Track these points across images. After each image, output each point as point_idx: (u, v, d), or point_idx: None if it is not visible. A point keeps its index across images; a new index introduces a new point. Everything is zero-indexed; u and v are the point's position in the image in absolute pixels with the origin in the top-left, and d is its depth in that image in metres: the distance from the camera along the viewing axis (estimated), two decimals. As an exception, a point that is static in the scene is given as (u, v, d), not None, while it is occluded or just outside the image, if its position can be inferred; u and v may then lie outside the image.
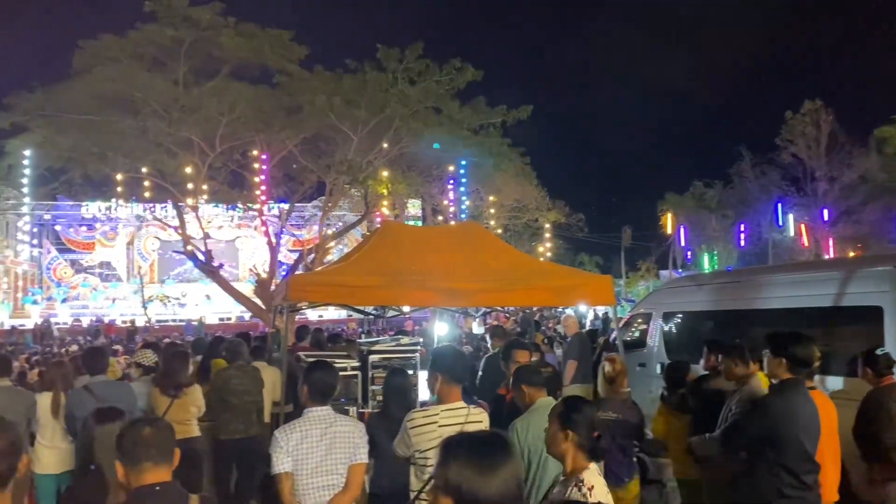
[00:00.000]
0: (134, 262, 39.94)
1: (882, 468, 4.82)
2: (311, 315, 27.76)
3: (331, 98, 16.42)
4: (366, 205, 19.56)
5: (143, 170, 18.08)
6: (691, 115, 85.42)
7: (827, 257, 29.33)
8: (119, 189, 19.48)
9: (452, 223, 22.58)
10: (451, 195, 25.49)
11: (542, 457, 3.82)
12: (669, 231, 37.61)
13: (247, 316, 27.61)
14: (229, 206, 24.14)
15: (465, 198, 26.05)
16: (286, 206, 21.14)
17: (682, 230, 37.41)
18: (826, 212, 31.82)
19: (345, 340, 10.21)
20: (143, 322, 30.64)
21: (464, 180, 25.35)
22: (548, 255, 28.47)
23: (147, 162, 17.55)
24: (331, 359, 5.50)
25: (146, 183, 19.10)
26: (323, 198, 20.66)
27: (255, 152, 18.99)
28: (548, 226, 27.65)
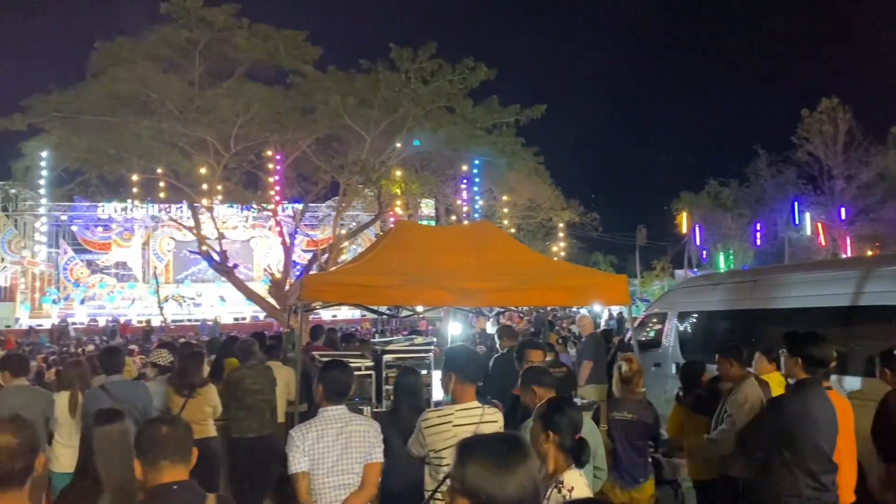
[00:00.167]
0: (149, 262, 40.20)
1: (900, 469, 4.78)
2: (325, 315, 27.82)
3: (344, 98, 16.47)
4: (379, 205, 19.60)
5: (159, 170, 18.20)
6: (707, 112, 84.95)
7: (844, 256, 29.05)
8: (135, 190, 19.62)
9: (466, 223, 22.58)
10: (465, 195, 25.50)
11: None
12: (685, 230, 37.35)
13: (261, 316, 27.74)
14: (244, 206, 24.25)
15: (478, 197, 26.05)
16: (300, 206, 21.22)
17: (697, 229, 37.15)
18: (843, 210, 31.53)
19: (358, 340, 10.22)
20: (159, 322, 30.82)
21: (477, 180, 25.34)
22: (562, 255, 28.41)
23: (162, 163, 17.66)
24: (345, 358, 5.51)
25: (161, 184, 19.24)
26: (336, 198, 20.74)
27: (269, 153, 19.08)
28: (561, 225, 27.58)
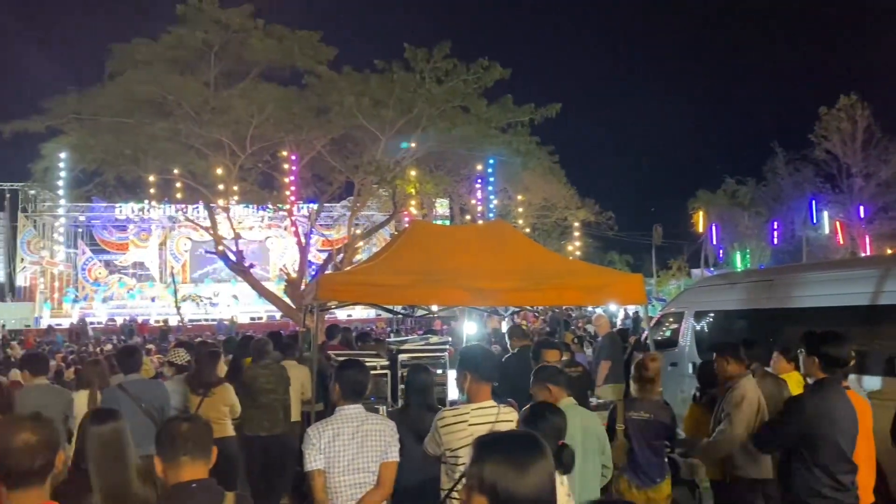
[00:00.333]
0: (167, 262, 40.55)
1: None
2: (340, 314, 27.92)
3: (359, 98, 16.49)
4: (394, 204, 19.62)
5: (175, 171, 18.30)
6: (723, 111, 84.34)
7: (863, 255, 28.76)
8: (152, 190, 19.73)
9: (480, 222, 22.54)
10: (479, 194, 25.46)
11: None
12: (701, 229, 37.14)
13: (277, 315, 27.86)
14: (259, 206, 24.35)
15: (492, 197, 25.99)
16: (315, 206, 21.28)
17: (713, 228, 36.93)
18: (862, 209, 31.19)
19: (374, 340, 10.25)
20: (176, 321, 31.05)
21: (492, 179, 25.29)
22: (577, 254, 28.28)
23: (179, 163, 17.77)
24: (361, 358, 5.53)
25: (178, 184, 19.34)
26: (351, 198, 20.77)
27: (284, 153, 19.13)
28: (577, 224, 27.47)
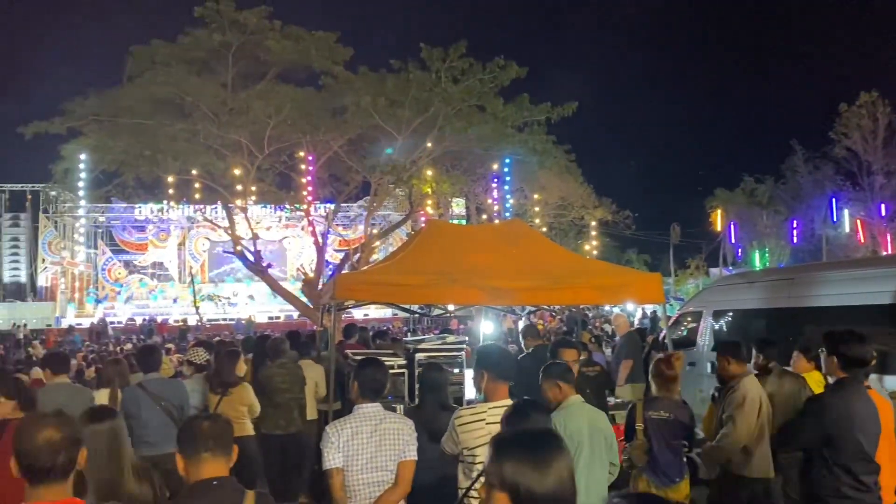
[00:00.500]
0: (185, 262, 40.86)
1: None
2: (357, 314, 27.98)
3: (375, 99, 16.54)
4: (410, 204, 19.66)
5: (194, 172, 18.44)
6: (741, 108, 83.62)
7: (884, 253, 28.43)
8: (170, 191, 19.88)
9: (497, 221, 22.52)
10: (496, 193, 25.44)
11: (580, 452, 3.96)
12: (719, 228, 36.89)
13: (295, 315, 28.00)
14: (277, 206, 24.49)
15: (509, 196, 25.97)
16: (332, 206, 21.38)
17: (732, 227, 36.66)
18: (883, 207, 30.84)
19: (391, 339, 10.27)
20: (195, 321, 31.28)
21: (508, 178, 25.27)
22: (594, 254, 28.19)
23: (197, 164, 17.91)
24: (378, 357, 5.54)
25: (196, 185, 19.49)
26: (368, 198, 20.83)
27: (301, 153, 19.24)
28: (594, 223, 27.38)
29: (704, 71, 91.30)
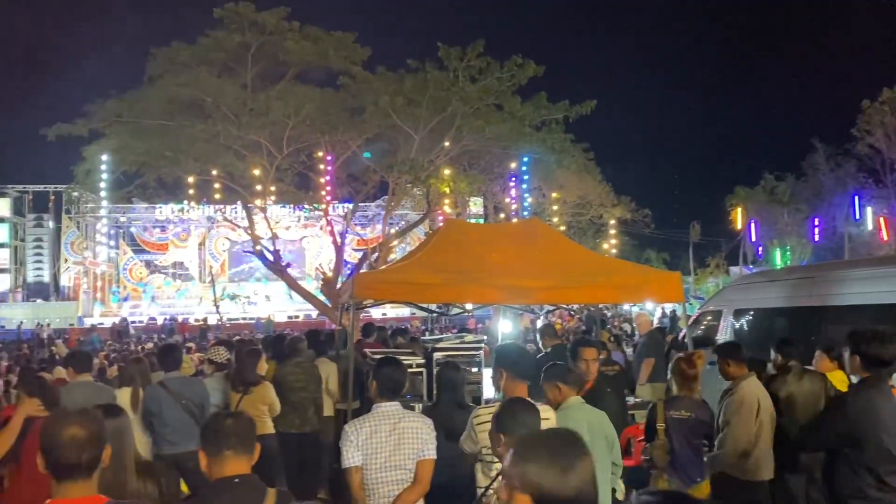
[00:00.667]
0: (205, 262, 41.21)
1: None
2: (375, 313, 28.04)
3: (393, 98, 16.56)
4: (428, 203, 19.67)
5: (214, 172, 18.57)
6: (761, 105, 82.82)
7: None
8: (191, 191, 20.04)
9: (515, 220, 22.47)
10: (513, 192, 25.37)
11: None
12: (739, 226, 36.54)
13: (314, 314, 28.12)
14: (296, 206, 24.60)
15: (527, 195, 25.88)
16: (350, 205, 21.43)
17: (752, 225, 36.29)
18: (906, 204, 30.44)
19: (410, 338, 10.29)
20: (216, 320, 31.53)
21: (526, 177, 25.18)
22: (613, 252, 28.03)
23: (217, 165, 18.02)
24: (397, 356, 5.55)
25: (216, 185, 19.62)
26: (386, 197, 20.87)
27: (320, 153, 19.30)
28: (613, 222, 27.22)
29: (724, 67, 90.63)
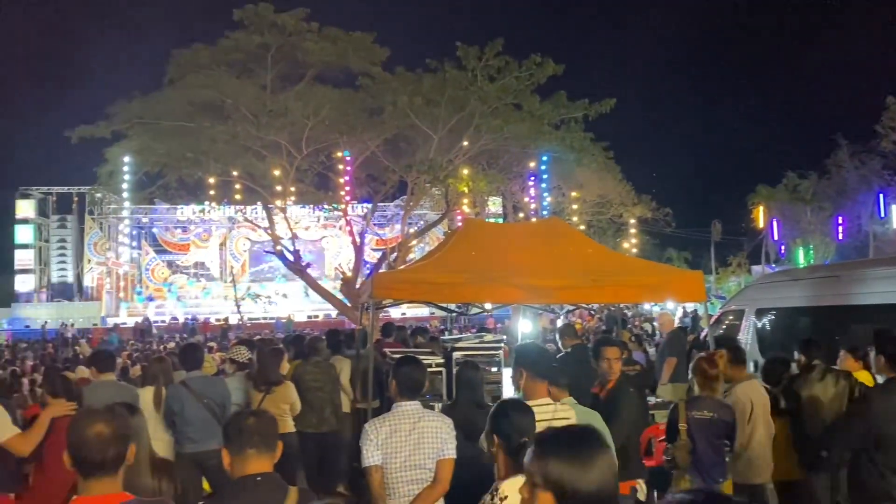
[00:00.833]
0: (226, 262, 41.52)
1: None
2: (394, 313, 28.07)
3: (412, 98, 16.58)
4: (446, 203, 19.68)
5: (234, 173, 18.73)
6: (783, 102, 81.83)
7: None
8: (212, 192, 20.21)
9: (534, 219, 22.41)
10: (533, 192, 25.31)
11: None
12: (761, 225, 36.14)
13: (333, 313, 28.22)
14: (315, 206, 24.71)
15: (546, 194, 25.81)
16: (369, 205, 21.50)
17: (774, 223, 35.89)
18: (933, 202, 29.99)
19: (430, 337, 10.29)
20: (237, 320, 31.74)
21: (545, 176, 25.11)
22: (633, 251, 27.85)
23: (237, 165, 18.18)
24: (416, 355, 5.56)
25: (237, 186, 19.79)
26: (405, 197, 20.91)
27: (339, 154, 19.38)
28: (633, 221, 27.05)
29: (746, 65, 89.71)
